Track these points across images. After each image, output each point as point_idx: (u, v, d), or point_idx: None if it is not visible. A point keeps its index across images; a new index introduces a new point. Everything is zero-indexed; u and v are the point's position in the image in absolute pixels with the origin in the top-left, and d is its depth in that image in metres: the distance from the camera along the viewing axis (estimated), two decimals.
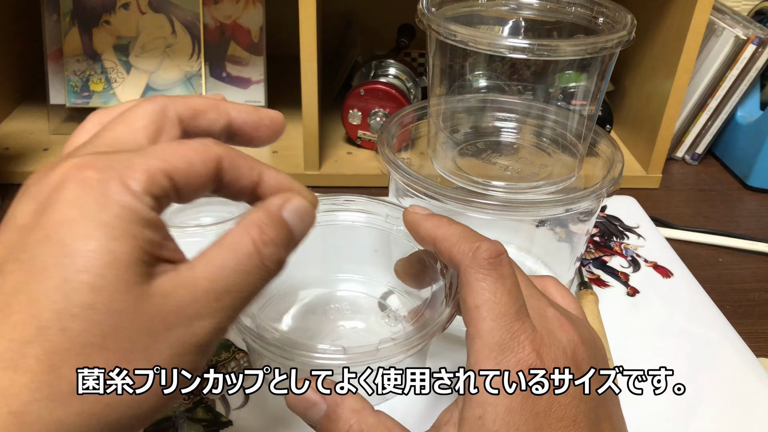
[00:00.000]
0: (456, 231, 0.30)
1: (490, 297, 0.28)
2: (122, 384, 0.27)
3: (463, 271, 0.29)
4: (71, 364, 0.21)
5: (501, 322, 0.27)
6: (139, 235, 0.22)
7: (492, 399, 0.26)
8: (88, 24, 0.75)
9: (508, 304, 0.27)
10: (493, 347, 0.27)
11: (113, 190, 0.22)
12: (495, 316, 0.27)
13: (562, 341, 0.28)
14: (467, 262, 0.29)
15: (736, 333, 0.50)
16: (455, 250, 0.29)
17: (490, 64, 0.46)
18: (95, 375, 0.26)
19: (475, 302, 0.28)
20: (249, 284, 0.24)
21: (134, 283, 0.22)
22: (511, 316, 0.27)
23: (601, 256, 0.58)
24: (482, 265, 0.28)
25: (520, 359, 0.26)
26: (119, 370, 0.27)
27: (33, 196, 0.22)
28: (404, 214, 0.34)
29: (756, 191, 0.76)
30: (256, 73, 0.78)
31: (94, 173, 0.22)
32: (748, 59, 0.74)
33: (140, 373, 0.28)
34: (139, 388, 0.28)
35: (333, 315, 0.46)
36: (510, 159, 0.48)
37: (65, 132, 0.76)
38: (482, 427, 0.26)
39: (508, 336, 0.27)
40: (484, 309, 0.27)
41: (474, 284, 0.28)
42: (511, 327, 0.27)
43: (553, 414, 0.26)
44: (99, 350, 0.22)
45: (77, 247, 0.21)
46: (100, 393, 0.27)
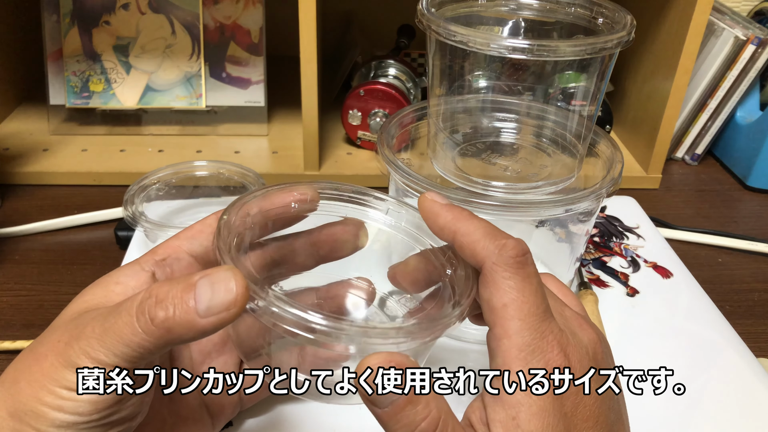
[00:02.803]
0: (479, 226, 0.29)
1: (517, 296, 0.27)
2: (122, 384, 0.27)
3: (488, 269, 0.28)
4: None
5: (529, 322, 0.27)
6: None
7: (525, 399, 0.26)
8: (87, 24, 0.75)
9: (536, 303, 0.27)
10: (522, 347, 0.26)
11: None
12: (523, 316, 0.27)
13: (584, 341, 0.28)
14: (493, 260, 0.28)
15: (735, 333, 0.50)
16: (479, 247, 0.29)
17: (490, 64, 0.46)
18: (95, 375, 0.26)
19: (502, 301, 0.27)
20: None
21: None
22: (539, 316, 0.27)
23: (601, 257, 0.58)
24: (509, 263, 0.28)
25: (549, 360, 0.26)
26: (119, 370, 0.27)
27: None
28: (421, 200, 0.32)
29: (756, 191, 0.76)
30: (256, 73, 0.78)
31: None
32: (747, 59, 0.74)
33: (140, 373, 0.29)
34: (139, 388, 0.28)
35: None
36: (510, 159, 0.48)
37: (65, 132, 0.76)
38: (517, 428, 0.26)
39: (537, 336, 0.27)
40: (512, 308, 0.27)
41: (501, 283, 0.27)
42: (539, 327, 0.27)
43: (579, 414, 0.26)
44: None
45: None
46: (100, 393, 0.27)
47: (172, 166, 0.58)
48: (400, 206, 0.39)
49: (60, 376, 0.26)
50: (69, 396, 0.26)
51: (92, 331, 0.26)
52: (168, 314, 0.25)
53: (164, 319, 0.25)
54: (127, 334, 0.26)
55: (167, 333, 0.25)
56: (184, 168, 0.59)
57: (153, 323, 0.25)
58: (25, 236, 0.61)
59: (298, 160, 0.73)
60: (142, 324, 0.25)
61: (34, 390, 0.26)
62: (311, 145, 0.70)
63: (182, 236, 0.33)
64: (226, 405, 0.36)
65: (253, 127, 0.79)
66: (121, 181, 0.68)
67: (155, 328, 0.25)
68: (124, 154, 0.73)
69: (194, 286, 0.26)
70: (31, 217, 0.63)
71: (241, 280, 0.26)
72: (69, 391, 0.26)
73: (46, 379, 0.26)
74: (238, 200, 0.33)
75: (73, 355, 0.26)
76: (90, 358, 0.26)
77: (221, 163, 0.65)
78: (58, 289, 0.55)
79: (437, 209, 0.31)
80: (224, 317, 0.25)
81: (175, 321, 0.25)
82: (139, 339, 0.25)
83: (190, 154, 0.74)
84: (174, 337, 0.26)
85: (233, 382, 0.30)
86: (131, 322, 0.26)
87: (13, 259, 0.58)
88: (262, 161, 0.73)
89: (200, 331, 0.25)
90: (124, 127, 0.77)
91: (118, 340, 0.26)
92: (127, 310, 0.26)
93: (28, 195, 0.68)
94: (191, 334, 0.25)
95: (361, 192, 0.39)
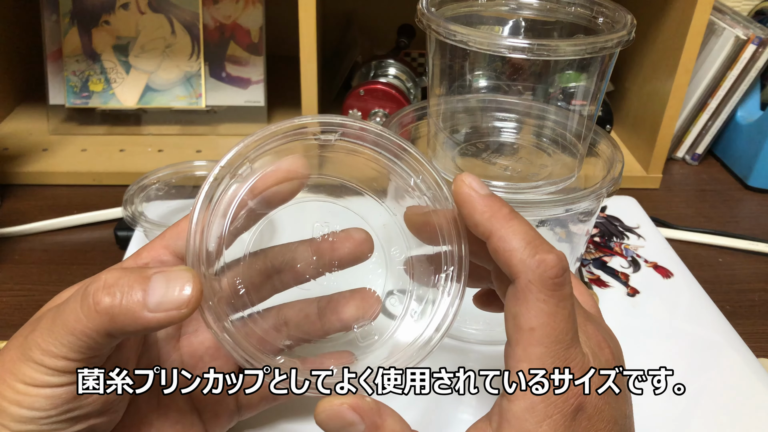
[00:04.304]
0: (518, 231, 0.27)
1: (548, 321, 0.25)
2: (122, 384, 0.27)
3: (522, 285, 0.26)
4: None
5: (553, 350, 0.25)
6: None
7: (536, 429, 0.25)
8: (87, 24, 0.75)
9: (565, 330, 0.26)
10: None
11: None
12: (549, 343, 0.25)
13: (602, 361, 0.28)
14: (530, 277, 0.26)
15: (736, 333, 0.50)
16: (516, 259, 0.26)
17: (490, 64, 0.46)
18: (95, 375, 0.26)
19: (531, 324, 0.26)
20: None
21: None
22: (566, 344, 0.26)
23: (601, 257, 0.58)
24: (546, 284, 0.25)
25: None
26: (119, 369, 0.27)
27: None
28: (457, 185, 0.28)
29: (756, 191, 0.76)
30: (256, 73, 0.78)
31: None
32: (748, 59, 0.74)
33: (140, 373, 0.28)
34: (140, 388, 0.28)
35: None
36: (510, 159, 0.48)
37: (64, 132, 0.76)
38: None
39: (560, 365, 0.26)
40: (540, 333, 0.25)
41: (533, 304, 0.26)
42: (563, 355, 0.26)
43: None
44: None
45: None
46: (100, 393, 0.27)
47: (171, 166, 0.58)
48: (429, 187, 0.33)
49: (17, 370, 0.26)
50: (25, 390, 0.26)
51: (45, 323, 0.26)
52: (114, 301, 0.25)
53: (109, 306, 0.25)
54: (71, 321, 0.25)
55: (110, 321, 0.25)
56: (183, 168, 0.59)
57: (96, 308, 0.25)
58: (24, 236, 0.61)
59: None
60: (84, 309, 0.25)
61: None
62: None
63: (167, 235, 0.32)
64: (221, 414, 0.35)
65: (253, 127, 0.79)
66: (121, 181, 0.68)
67: (97, 314, 0.25)
68: (124, 154, 0.73)
69: (149, 279, 0.25)
70: (30, 217, 0.63)
71: (198, 284, 0.25)
72: (25, 385, 0.26)
73: (6, 374, 0.26)
74: (211, 191, 0.30)
75: (27, 348, 0.26)
76: (40, 349, 0.26)
77: None
78: (58, 289, 0.54)
79: (474, 201, 0.28)
80: (173, 315, 0.25)
81: (120, 309, 0.25)
82: (81, 326, 0.25)
83: (190, 154, 0.74)
84: (116, 327, 0.25)
85: (233, 382, 0.30)
86: (75, 308, 0.25)
87: (12, 259, 0.58)
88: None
89: (144, 325, 0.25)
90: (123, 127, 0.77)
91: (63, 328, 0.25)
92: (74, 297, 0.26)
93: (28, 195, 0.68)
94: (134, 326, 0.25)
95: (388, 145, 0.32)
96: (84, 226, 0.63)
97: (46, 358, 0.25)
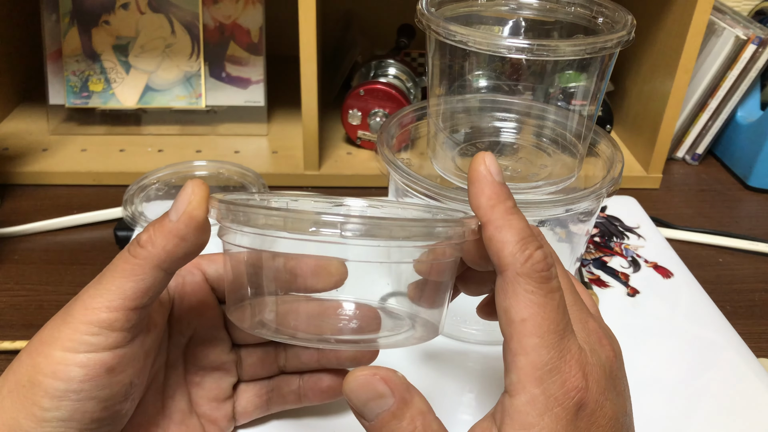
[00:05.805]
0: (515, 227, 0.27)
1: (538, 311, 0.26)
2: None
3: (510, 278, 0.27)
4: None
5: (548, 340, 0.26)
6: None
7: (537, 421, 0.25)
8: (87, 24, 0.75)
9: (556, 320, 0.26)
10: (539, 366, 0.25)
11: None
12: (542, 333, 0.26)
13: (602, 358, 0.28)
14: (517, 270, 0.26)
15: (736, 333, 0.50)
16: (506, 251, 0.27)
17: (489, 64, 0.46)
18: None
19: (521, 315, 0.26)
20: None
21: None
22: (559, 334, 0.26)
23: (601, 257, 0.58)
24: (533, 276, 0.26)
25: (567, 380, 0.26)
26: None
27: None
28: (475, 163, 0.29)
29: (756, 191, 0.76)
30: (256, 73, 0.78)
31: None
32: (748, 59, 0.74)
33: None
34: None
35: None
36: (510, 159, 0.48)
37: (64, 132, 0.76)
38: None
39: (555, 355, 0.26)
40: (531, 323, 0.26)
41: (522, 295, 0.26)
42: (558, 345, 0.26)
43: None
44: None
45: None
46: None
47: (171, 166, 0.58)
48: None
49: (58, 335, 0.27)
50: (62, 358, 0.27)
51: (90, 285, 0.28)
52: (149, 234, 0.28)
53: (147, 237, 0.28)
54: (119, 264, 0.28)
55: (152, 246, 0.27)
56: (183, 168, 0.59)
57: (138, 242, 0.28)
58: (24, 236, 0.61)
59: (297, 160, 0.73)
60: (131, 249, 0.28)
61: (32, 358, 0.27)
62: (311, 144, 0.70)
63: (203, 256, 0.35)
64: (219, 418, 0.36)
65: (252, 126, 0.79)
66: (121, 181, 0.68)
67: (141, 247, 0.28)
68: (124, 154, 0.73)
69: (167, 214, 0.28)
70: (30, 217, 0.63)
71: (200, 182, 0.28)
72: (63, 351, 0.27)
73: (42, 345, 0.27)
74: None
75: (69, 313, 0.27)
76: (85, 306, 0.27)
77: (221, 163, 0.65)
78: (58, 289, 0.55)
79: (485, 184, 0.28)
80: (190, 212, 0.27)
81: (155, 231, 0.28)
82: (130, 265, 0.27)
83: (190, 154, 0.74)
84: (158, 250, 0.27)
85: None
86: (121, 255, 0.28)
87: (12, 259, 0.58)
88: (262, 161, 0.73)
89: (175, 233, 0.27)
90: (123, 127, 0.77)
91: (113, 274, 0.28)
92: (118, 256, 0.29)
93: (28, 195, 0.68)
94: (170, 240, 0.27)
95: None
96: (84, 226, 0.63)
97: (89, 312, 0.27)
